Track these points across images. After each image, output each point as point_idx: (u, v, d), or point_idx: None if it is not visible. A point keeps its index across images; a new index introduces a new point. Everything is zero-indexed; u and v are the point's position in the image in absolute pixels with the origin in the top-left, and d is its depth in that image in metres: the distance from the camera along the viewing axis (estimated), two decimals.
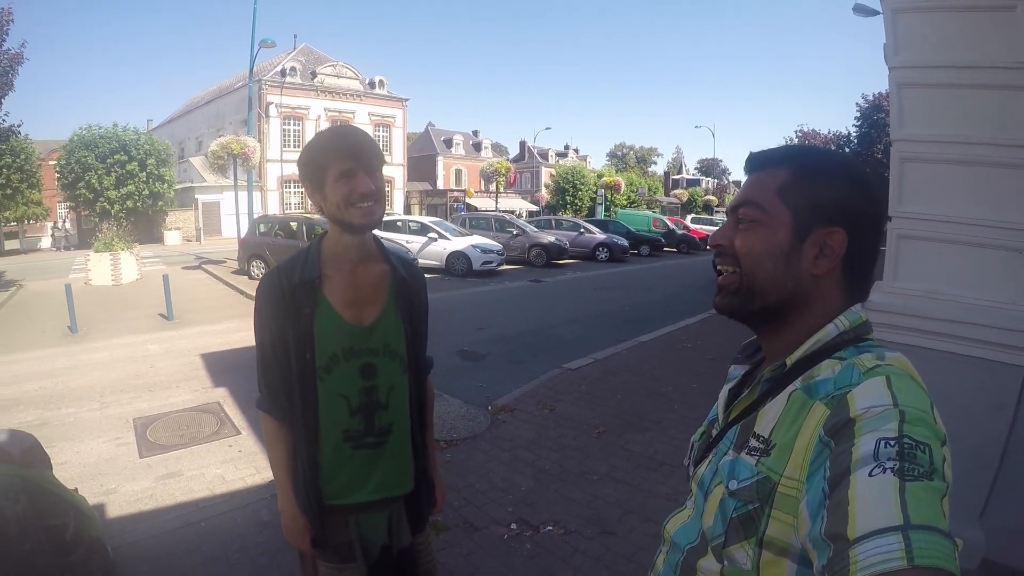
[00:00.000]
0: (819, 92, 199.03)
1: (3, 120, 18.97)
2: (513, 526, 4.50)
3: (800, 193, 1.15)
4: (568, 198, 60.01)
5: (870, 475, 0.83)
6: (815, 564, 0.86)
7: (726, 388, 1.35)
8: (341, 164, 1.87)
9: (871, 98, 40.78)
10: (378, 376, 2.04)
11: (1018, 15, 3.33)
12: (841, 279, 1.16)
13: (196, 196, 44.76)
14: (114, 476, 5.54)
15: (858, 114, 42.43)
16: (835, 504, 0.84)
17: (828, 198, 1.14)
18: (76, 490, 3.94)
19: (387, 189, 53.58)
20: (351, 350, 2.00)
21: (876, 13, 10.31)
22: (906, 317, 3.62)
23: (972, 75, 3.50)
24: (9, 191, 35.75)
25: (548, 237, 26.60)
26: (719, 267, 1.25)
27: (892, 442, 0.86)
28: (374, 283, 2.07)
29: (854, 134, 44.45)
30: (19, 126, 20.36)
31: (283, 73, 49.65)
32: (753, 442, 1.12)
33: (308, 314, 1.95)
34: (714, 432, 1.32)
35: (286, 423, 2.06)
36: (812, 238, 1.13)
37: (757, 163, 1.24)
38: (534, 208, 60.74)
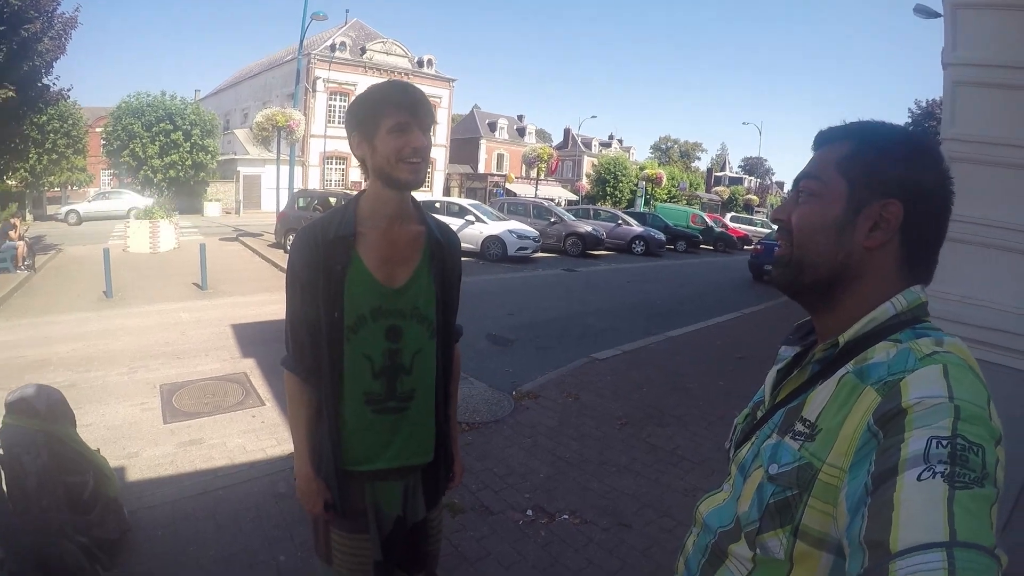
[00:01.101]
0: (871, 97, 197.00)
1: (54, 84, 19.08)
2: (529, 512, 4.49)
3: (858, 165, 1.13)
4: (608, 189, 59.63)
5: (919, 479, 0.79)
6: (847, 565, 0.82)
7: (774, 369, 1.30)
8: (398, 116, 1.84)
9: (924, 104, 39.70)
10: (403, 339, 2.00)
11: None
12: (899, 256, 1.11)
13: (238, 168, 45.09)
14: (137, 440, 5.61)
15: (909, 120, 41.41)
16: (878, 505, 0.81)
17: (886, 169, 1.11)
18: (98, 450, 3.98)
19: (428, 170, 54.04)
20: (379, 310, 1.96)
21: (937, 15, 10.02)
22: (942, 323, 3.52)
23: None
24: (55, 156, 36.21)
25: (585, 227, 26.30)
26: (778, 240, 1.24)
27: (944, 442, 0.82)
28: (409, 243, 2.03)
29: None
30: (69, 90, 20.46)
31: (332, 48, 49.79)
32: (799, 426, 1.08)
33: (340, 271, 1.92)
34: (759, 414, 1.28)
35: (309, 383, 2.03)
36: (868, 211, 1.10)
37: (823, 139, 1.22)
38: (573, 197, 60.39)
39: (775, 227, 1.27)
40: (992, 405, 0.91)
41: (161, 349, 8.65)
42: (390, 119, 1.84)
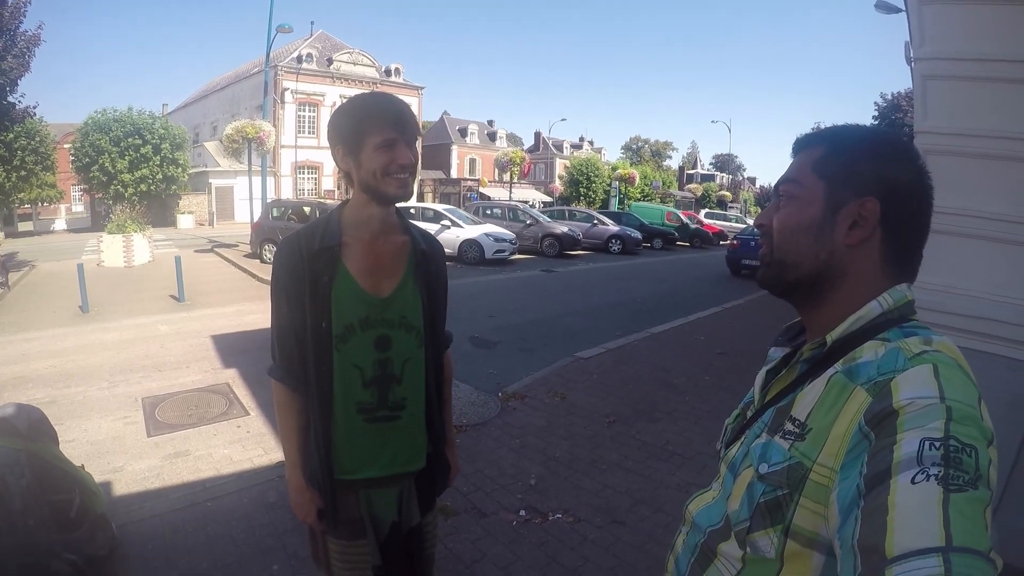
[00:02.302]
0: (837, 89, 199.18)
1: (19, 101, 18.88)
2: (522, 513, 4.46)
3: (833, 165, 1.14)
4: (582, 190, 59.76)
5: (912, 482, 0.78)
6: (839, 567, 0.82)
7: (764, 370, 1.31)
8: (384, 132, 1.83)
9: (890, 97, 39.97)
10: (393, 348, 1.99)
11: None
12: (882, 253, 1.11)
13: (210, 180, 44.82)
14: (121, 454, 5.53)
15: (876, 113, 41.58)
16: (872, 509, 0.80)
17: (861, 168, 1.11)
18: (83, 467, 3.92)
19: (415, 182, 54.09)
20: (367, 320, 1.95)
21: (898, 10, 10.11)
22: (925, 312, 3.54)
23: (999, 68, 3.42)
24: (24, 173, 35.84)
25: (561, 227, 26.40)
26: (762, 244, 1.26)
27: (937, 444, 0.81)
28: (394, 254, 2.02)
29: None
30: (35, 108, 20.26)
31: (299, 59, 49.69)
32: (788, 425, 1.08)
33: (326, 282, 1.91)
34: (749, 414, 1.28)
35: (298, 393, 2.01)
36: (846, 209, 1.11)
37: (800, 144, 1.24)
38: (547, 199, 60.44)
39: (750, 223, 1.27)
40: (983, 404, 0.91)
41: (141, 362, 8.53)
42: (376, 135, 1.83)
